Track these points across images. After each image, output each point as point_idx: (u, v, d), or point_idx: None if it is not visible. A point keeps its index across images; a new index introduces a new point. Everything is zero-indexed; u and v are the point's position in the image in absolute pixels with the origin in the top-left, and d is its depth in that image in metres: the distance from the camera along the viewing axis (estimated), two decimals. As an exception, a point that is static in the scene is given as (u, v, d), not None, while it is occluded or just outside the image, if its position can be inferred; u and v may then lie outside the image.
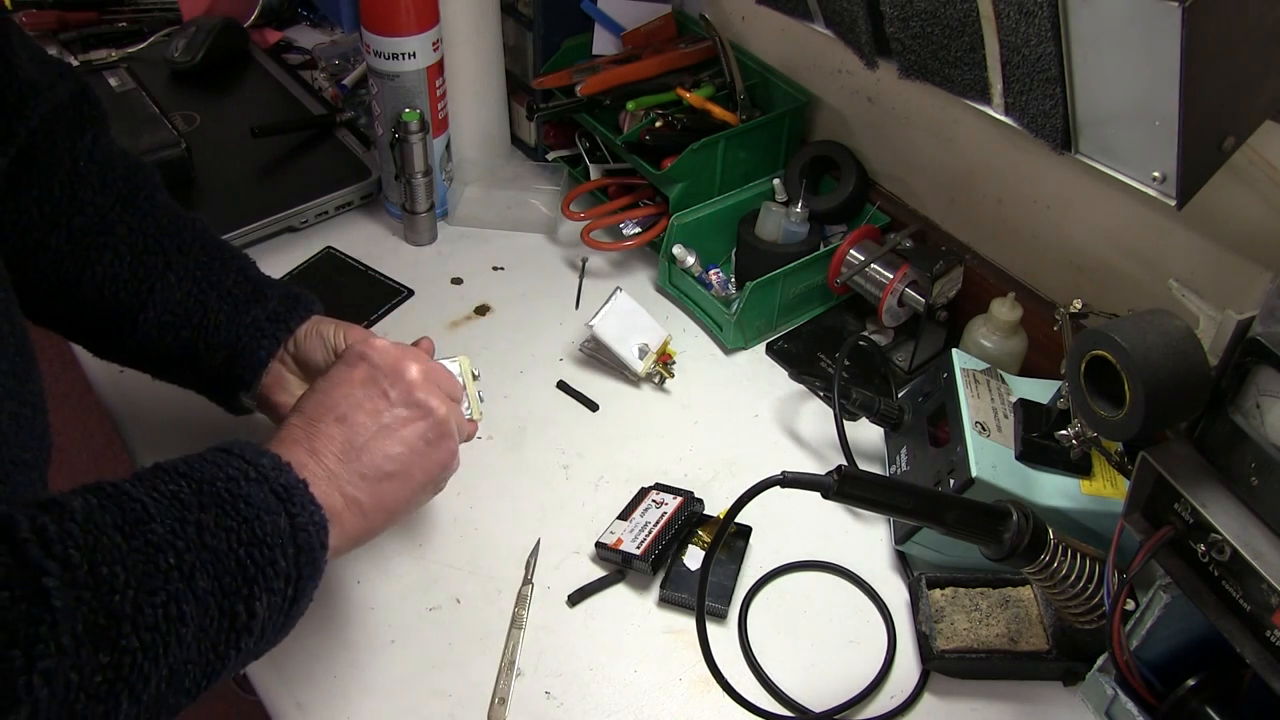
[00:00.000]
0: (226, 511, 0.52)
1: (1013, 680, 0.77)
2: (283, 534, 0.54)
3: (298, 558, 0.54)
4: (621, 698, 0.75)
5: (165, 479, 0.52)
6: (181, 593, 0.49)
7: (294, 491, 0.55)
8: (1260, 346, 0.56)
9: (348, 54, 1.39)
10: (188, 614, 0.49)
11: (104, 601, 0.46)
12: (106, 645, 0.46)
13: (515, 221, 1.17)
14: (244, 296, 0.78)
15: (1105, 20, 0.65)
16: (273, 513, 0.54)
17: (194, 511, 0.51)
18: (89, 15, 1.43)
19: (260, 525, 0.53)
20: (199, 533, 0.51)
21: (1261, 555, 0.57)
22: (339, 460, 0.61)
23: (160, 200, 0.79)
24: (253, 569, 0.52)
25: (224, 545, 0.51)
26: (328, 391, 0.64)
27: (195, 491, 0.52)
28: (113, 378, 0.93)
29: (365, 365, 0.66)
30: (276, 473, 0.56)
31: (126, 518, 0.49)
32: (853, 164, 1.08)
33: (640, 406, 0.98)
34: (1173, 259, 0.85)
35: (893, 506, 0.65)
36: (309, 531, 0.55)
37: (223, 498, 0.52)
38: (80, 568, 0.46)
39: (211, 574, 0.50)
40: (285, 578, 0.54)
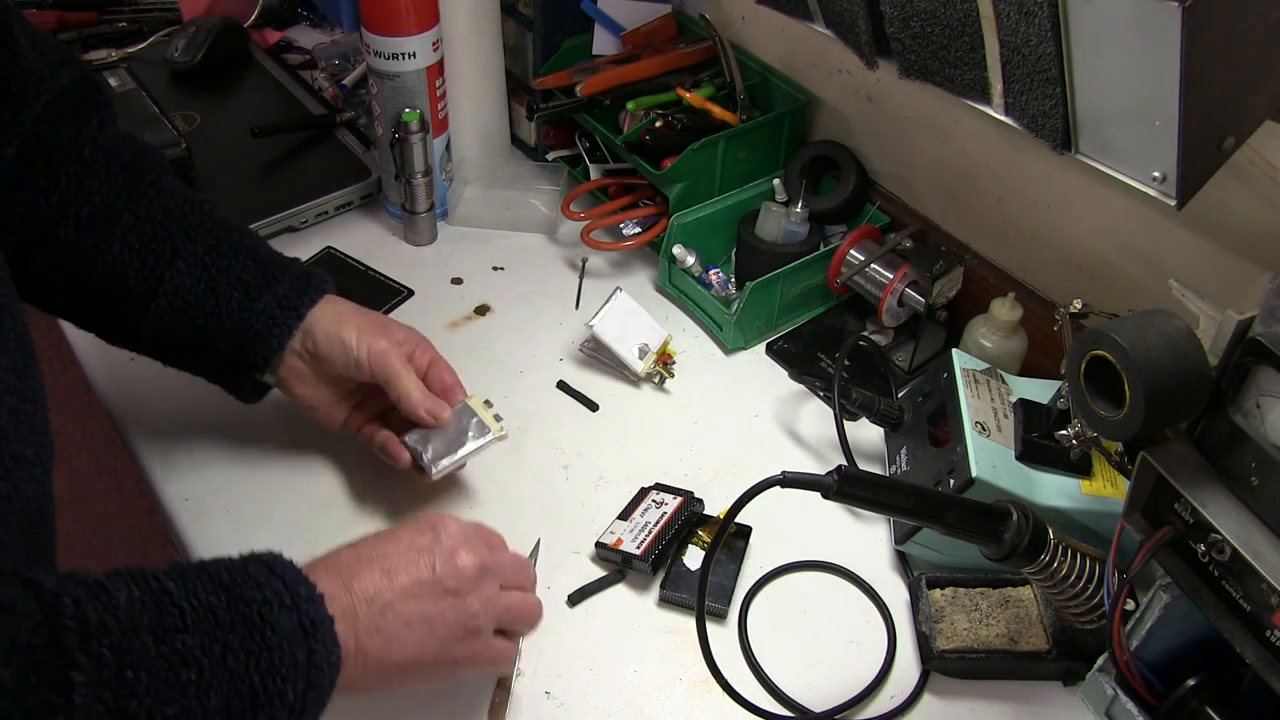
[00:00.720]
0: (253, 636, 0.53)
1: (1013, 680, 0.77)
2: (298, 667, 0.54)
3: (306, 693, 0.54)
4: (621, 698, 0.75)
5: (207, 587, 0.53)
6: (193, 708, 0.49)
7: (320, 629, 0.56)
8: (1260, 346, 0.56)
9: (348, 54, 1.39)
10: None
11: (121, 705, 0.46)
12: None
13: (515, 221, 1.17)
14: (254, 281, 0.77)
15: (1105, 20, 0.65)
16: (294, 644, 0.54)
17: (224, 631, 0.52)
18: (89, 15, 1.43)
19: (280, 655, 0.53)
20: (224, 652, 0.51)
21: (1261, 555, 0.57)
22: (366, 605, 0.60)
23: (167, 184, 0.79)
24: (263, 696, 0.52)
25: (242, 669, 0.52)
26: (387, 543, 0.64)
27: (229, 609, 0.53)
28: (113, 377, 0.93)
29: (430, 536, 0.65)
30: (309, 605, 0.56)
31: (163, 622, 0.50)
32: (853, 164, 1.08)
33: (640, 406, 0.98)
34: (1173, 259, 0.85)
35: (893, 506, 0.65)
36: (323, 670, 0.55)
37: (253, 622, 0.53)
38: (109, 668, 0.46)
39: (224, 694, 0.51)
40: (290, 709, 0.54)
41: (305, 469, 0.88)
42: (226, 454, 0.89)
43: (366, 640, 0.60)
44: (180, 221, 0.77)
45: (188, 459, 0.88)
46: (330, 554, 0.63)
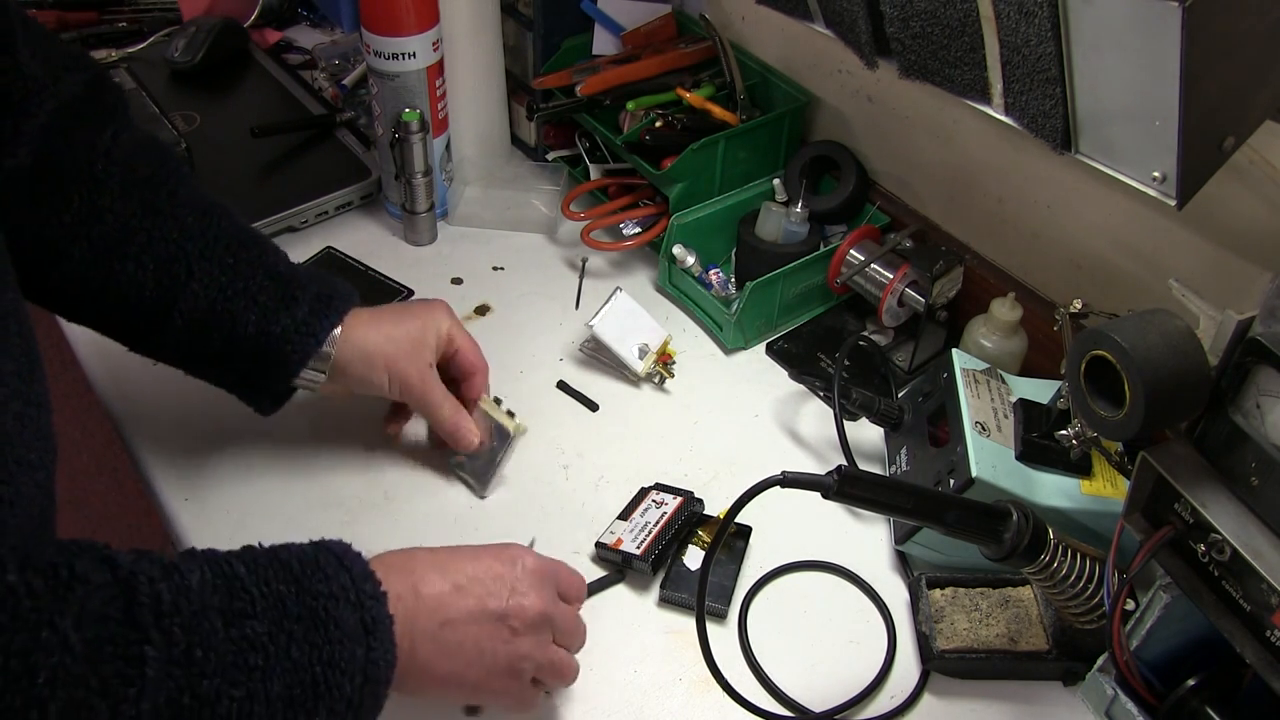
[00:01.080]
0: (317, 629, 0.54)
1: (1013, 680, 0.77)
2: (357, 663, 0.55)
3: (364, 687, 0.56)
4: (621, 698, 0.75)
5: (278, 575, 0.54)
6: (258, 693, 0.51)
7: (379, 627, 0.57)
8: (1260, 346, 0.56)
9: (348, 54, 1.39)
10: (258, 713, 0.51)
11: (192, 683, 0.48)
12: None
13: (515, 221, 1.17)
14: (271, 302, 0.77)
15: (1105, 20, 0.65)
16: (355, 641, 0.55)
17: (290, 621, 0.53)
18: (89, 15, 1.43)
19: (341, 650, 0.54)
20: (289, 642, 0.52)
21: (1261, 555, 0.57)
22: (429, 615, 0.61)
23: (184, 196, 0.77)
24: (323, 688, 0.54)
25: (305, 659, 0.53)
26: (466, 560, 0.65)
27: (297, 600, 0.54)
28: (113, 377, 0.93)
29: (509, 568, 0.66)
30: (373, 603, 0.57)
31: (233, 606, 0.51)
32: (853, 164, 1.08)
33: (640, 406, 0.98)
34: (1173, 259, 0.85)
35: (893, 506, 0.65)
36: (379, 666, 0.57)
37: (319, 616, 0.54)
38: (179, 645, 0.48)
39: (286, 682, 0.52)
40: (348, 703, 0.55)
41: (306, 469, 0.88)
42: (226, 454, 0.89)
43: (420, 645, 0.61)
44: (197, 239, 0.76)
45: (187, 459, 0.88)
46: (406, 552, 0.64)
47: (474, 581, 0.64)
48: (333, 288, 0.81)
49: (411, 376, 0.82)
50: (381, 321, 0.82)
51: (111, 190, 0.74)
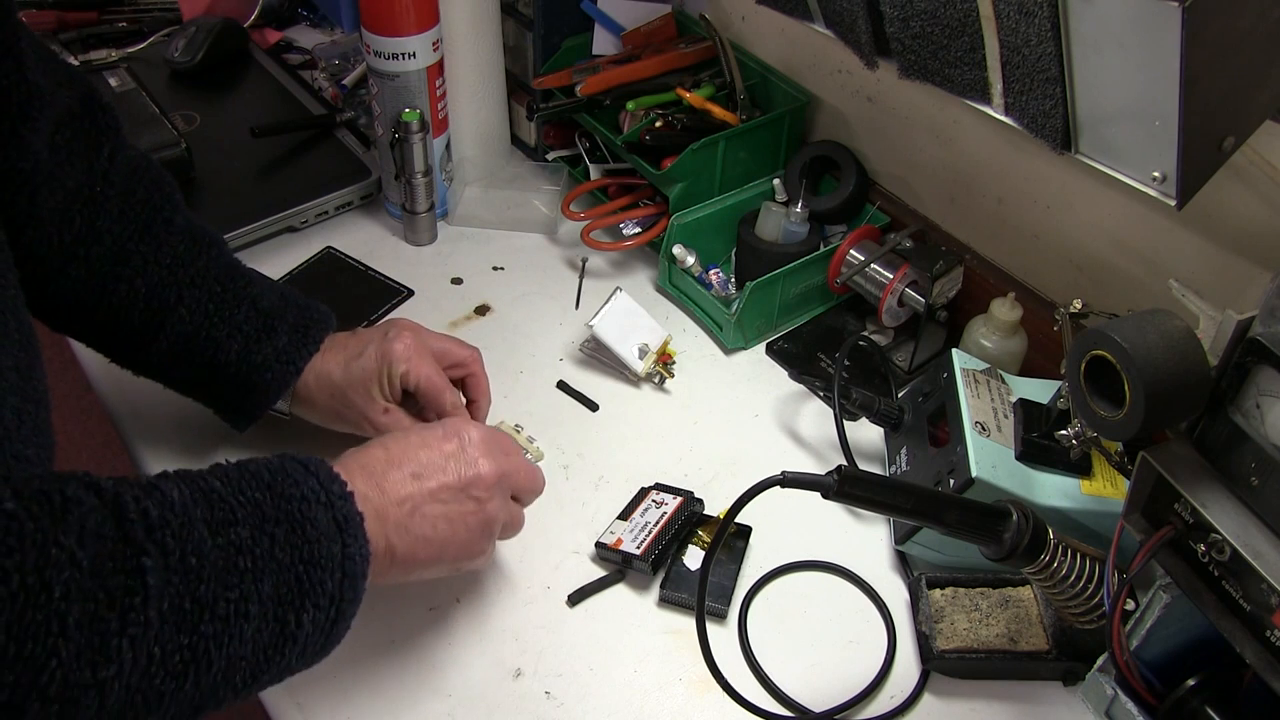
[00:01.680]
0: (295, 530, 0.57)
1: (1013, 680, 0.77)
2: (335, 559, 0.58)
3: (343, 582, 0.58)
4: (621, 698, 0.75)
5: (251, 485, 0.57)
6: (250, 593, 0.53)
7: (351, 524, 0.60)
8: (1260, 346, 0.56)
9: (348, 54, 1.39)
10: (253, 612, 0.53)
11: (191, 588, 0.50)
12: (186, 628, 0.50)
13: (515, 221, 1.17)
14: (254, 332, 0.79)
15: (1105, 20, 0.65)
16: (330, 539, 0.58)
17: (270, 525, 0.56)
18: (89, 15, 1.43)
19: (319, 548, 0.57)
20: (271, 544, 0.55)
21: (1261, 555, 0.58)
22: (396, 507, 0.65)
23: (178, 223, 0.79)
24: (307, 584, 0.56)
25: (288, 559, 0.56)
26: (418, 447, 0.68)
27: (274, 506, 0.57)
28: (113, 378, 0.93)
29: (456, 443, 0.70)
30: (342, 502, 0.60)
31: (215, 516, 0.54)
32: (853, 164, 1.08)
33: (640, 406, 0.98)
34: (1173, 259, 0.85)
35: (893, 506, 0.65)
36: (355, 561, 0.59)
37: (295, 518, 0.57)
38: (174, 554, 0.50)
39: (274, 582, 0.55)
40: (330, 598, 0.58)
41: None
42: (226, 454, 0.89)
43: (395, 539, 0.64)
44: (188, 266, 0.78)
45: (187, 459, 0.88)
46: (362, 451, 0.67)
47: (429, 466, 0.67)
48: (309, 316, 0.82)
49: (367, 410, 0.82)
50: (341, 350, 0.83)
51: (110, 212, 0.76)
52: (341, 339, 0.84)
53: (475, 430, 0.71)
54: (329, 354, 0.82)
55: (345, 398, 0.82)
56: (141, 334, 0.78)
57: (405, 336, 0.83)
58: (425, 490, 0.66)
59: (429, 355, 0.84)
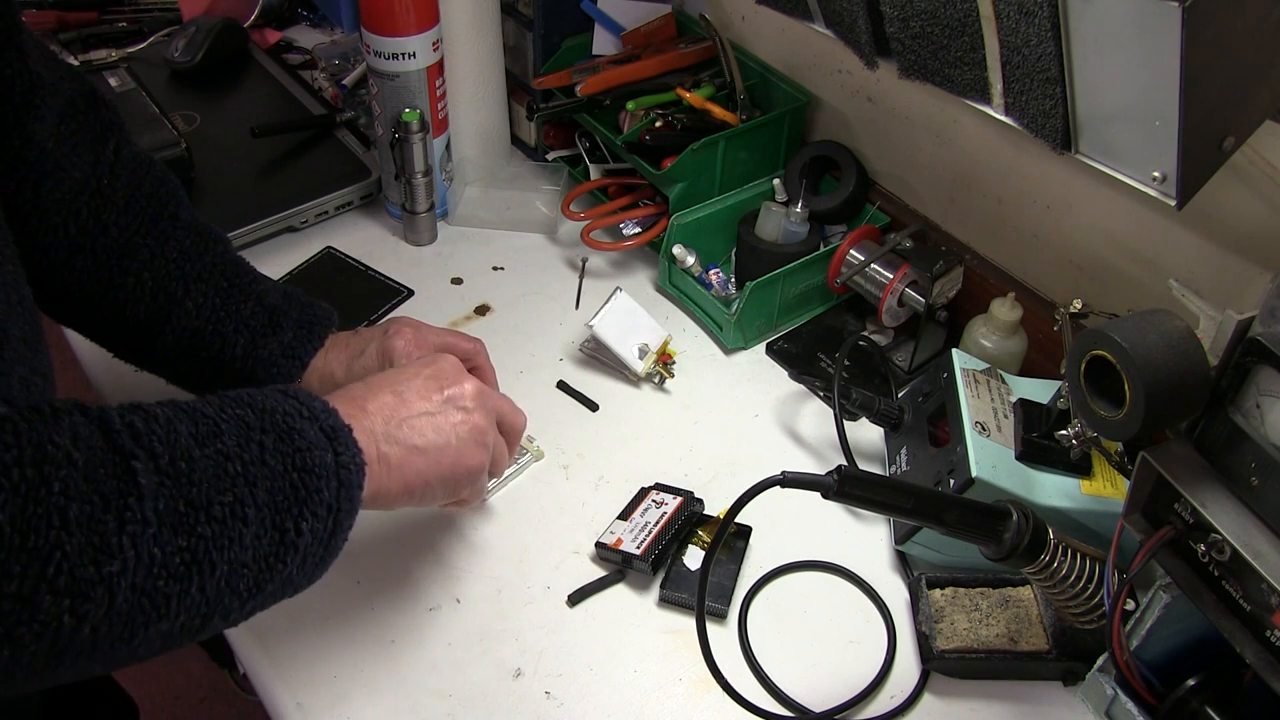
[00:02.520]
0: (284, 439, 0.57)
1: (1013, 680, 0.77)
2: (328, 468, 0.58)
3: (339, 491, 0.59)
4: (621, 698, 0.75)
5: (232, 404, 0.57)
6: (245, 497, 0.54)
7: (340, 433, 0.60)
8: (1260, 346, 0.56)
9: (348, 54, 1.39)
10: (250, 517, 0.54)
11: (183, 490, 0.51)
12: (184, 530, 0.51)
13: (515, 221, 1.17)
14: (260, 327, 0.79)
15: (1105, 20, 0.65)
16: (321, 449, 0.59)
17: (257, 434, 0.56)
18: (89, 15, 1.43)
19: (310, 456, 0.58)
20: (260, 451, 0.56)
21: (1261, 555, 0.58)
22: (383, 421, 0.66)
23: (184, 218, 0.79)
24: (303, 491, 0.57)
25: (280, 467, 0.56)
26: (394, 374, 0.70)
27: (258, 418, 0.57)
28: (113, 377, 0.93)
29: (434, 367, 0.71)
30: (326, 415, 0.61)
31: (200, 429, 0.54)
32: (853, 164, 1.08)
33: (640, 406, 0.98)
34: (1173, 259, 0.85)
35: (893, 506, 0.65)
36: (350, 470, 0.60)
37: (281, 427, 0.58)
38: (163, 458, 0.51)
39: (268, 489, 0.55)
40: (328, 507, 0.58)
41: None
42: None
43: (387, 449, 0.65)
44: (194, 261, 0.78)
45: (188, 459, 0.88)
46: (340, 389, 0.68)
47: (409, 387, 0.69)
48: (313, 314, 0.83)
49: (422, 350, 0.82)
50: (343, 350, 0.83)
51: (117, 205, 0.76)
52: (343, 338, 0.84)
53: (451, 360, 0.73)
54: (331, 353, 0.82)
55: None
56: (147, 328, 0.78)
57: (406, 333, 0.83)
58: (408, 403, 0.67)
59: (431, 350, 0.84)
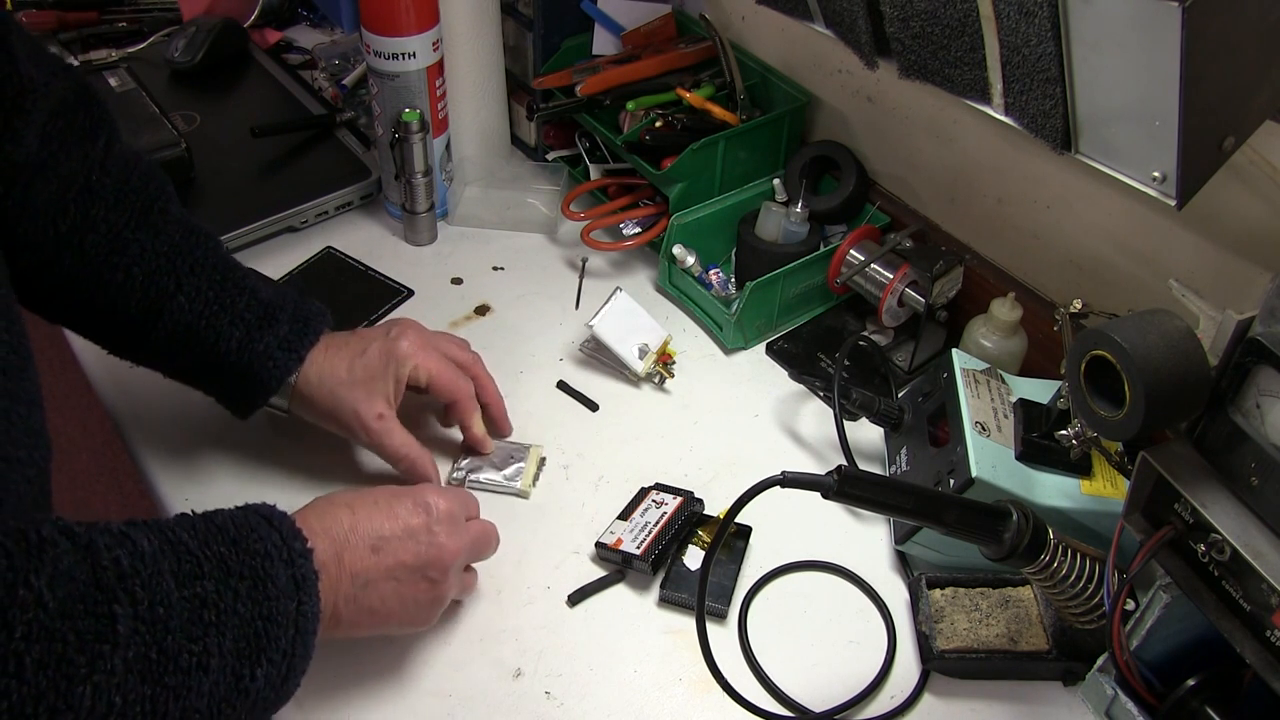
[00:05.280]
0: (257, 586, 0.57)
1: (1013, 680, 0.77)
2: (289, 616, 0.59)
3: (295, 639, 0.59)
4: (621, 698, 0.75)
5: (216, 539, 0.58)
6: (213, 647, 0.54)
7: (308, 584, 0.61)
8: (1260, 346, 0.56)
9: (348, 54, 1.39)
10: (212, 665, 0.54)
11: (158, 639, 0.51)
12: (151, 678, 0.50)
13: (515, 221, 1.17)
14: (255, 320, 0.79)
15: (1105, 20, 0.65)
16: (288, 597, 0.59)
17: (234, 579, 0.56)
18: (89, 15, 1.43)
19: (277, 605, 0.58)
20: (235, 599, 0.56)
21: (1261, 555, 0.58)
22: (350, 580, 0.65)
23: (174, 214, 0.79)
24: (264, 640, 0.57)
25: (249, 614, 0.57)
26: (385, 514, 0.68)
27: (239, 561, 0.57)
28: (113, 377, 0.93)
29: (422, 519, 0.69)
30: (302, 560, 0.61)
31: (183, 568, 0.54)
32: (853, 164, 1.08)
33: (640, 406, 0.98)
34: (1173, 259, 0.85)
35: (893, 506, 0.65)
36: (308, 619, 0.60)
37: (257, 574, 0.58)
38: (143, 604, 0.51)
39: (234, 636, 0.55)
40: (284, 654, 0.59)
41: (305, 470, 0.88)
42: (226, 455, 0.89)
43: (343, 608, 0.65)
44: (186, 255, 0.78)
45: (187, 459, 0.88)
46: (328, 509, 0.67)
47: (388, 540, 0.67)
48: (307, 310, 0.82)
49: (362, 411, 0.81)
50: (343, 349, 0.83)
51: (105, 200, 0.75)
52: (341, 338, 0.84)
53: (443, 503, 0.71)
54: (333, 351, 0.82)
55: (345, 396, 0.81)
56: (140, 323, 0.77)
57: (409, 334, 0.83)
58: (382, 566, 0.67)
59: (434, 350, 0.84)
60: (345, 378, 0.81)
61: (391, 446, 0.82)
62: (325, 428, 0.84)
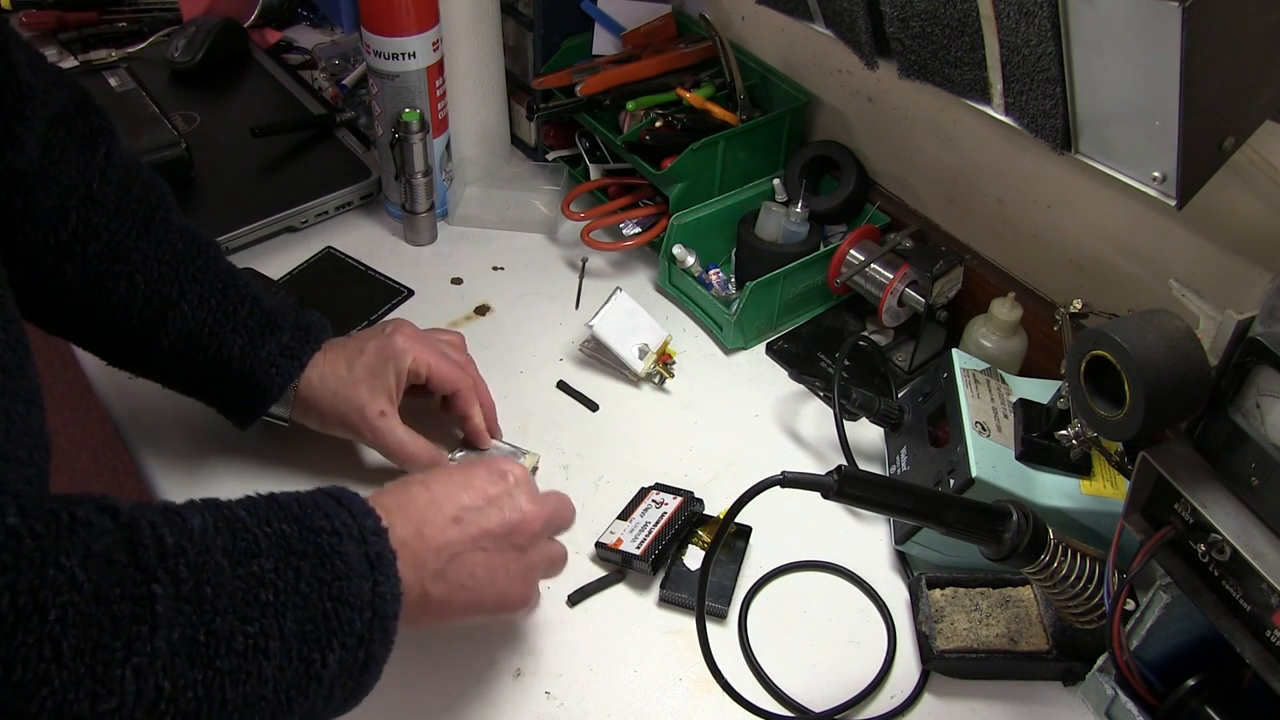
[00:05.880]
0: (323, 564, 0.54)
1: (1013, 680, 0.77)
2: (364, 597, 0.56)
3: (373, 622, 0.56)
4: (621, 698, 0.75)
5: (278, 516, 0.55)
6: (272, 628, 0.51)
7: (384, 562, 0.57)
8: (1260, 346, 0.56)
9: (348, 54, 1.39)
10: (273, 649, 0.51)
11: (205, 620, 0.48)
12: (200, 662, 0.48)
13: (515, 221, 1.17)
14: (258, 328, 0.79)
15: (1105, 20, 0.65)
16: (361, 576, 0.56)
17: (296, 557, 0.53)
18: (89, 15, 1.43)
19: (349, 585, 0.55)
20: (296, 578, 0.53)
21: (1261, 555, 0.58)
22: (435, 555, 0.62)
23: (175, 222, 0.79)
24: (335, 623, 0.54)
25: (315, 595, 0.53)
26: (461, 488, 0.66)
27: (301, 538, 0.54)
28: (113, 378, 0.93)
29: (502, 486, 0.67)
30: (375, 538, 0.58)
31: (238, 547, 0.52)
32: (853, 164, 1.08)
33: (640, 406, 0.98)
34: (1173, 259, 0.85)
35: (893, 506, 0.65)
36: (386, 600, 0.57)
37: (324, 551, 0.55)
38: (187, 583, 0.48)
39: (298, 618, 0.52)
40: (359, 638, 0.55)
41: (306, 471, 0.88)
42: (226, 455, 0.89)
43: (431, 586, 0.62)
44: (188, 263, 0.78)
45: (187, 459, 0.88)
46: (402, 489, 0.64)
47: (470, 510, 0.65)
48: (308, 318, 0.83)
49: (365, 409, 0.81)
50: (341, 351, 0.83)
51: (107, 208, 0.75)
52: (339, 342, 0.84)
53: (519, 469, 0.69)
54: (330, 354, 0.82)
55: (348, 397, 0.81)
56: (142, 333, 0.77)
57: (404, 329, 0.84)
58: (467, 537, 0.64)
59: (431, 345, 0.85)
60: (346, 377, 0.81)
61: (396, 442, 0.82)
62: (328, 432, 0.84)
